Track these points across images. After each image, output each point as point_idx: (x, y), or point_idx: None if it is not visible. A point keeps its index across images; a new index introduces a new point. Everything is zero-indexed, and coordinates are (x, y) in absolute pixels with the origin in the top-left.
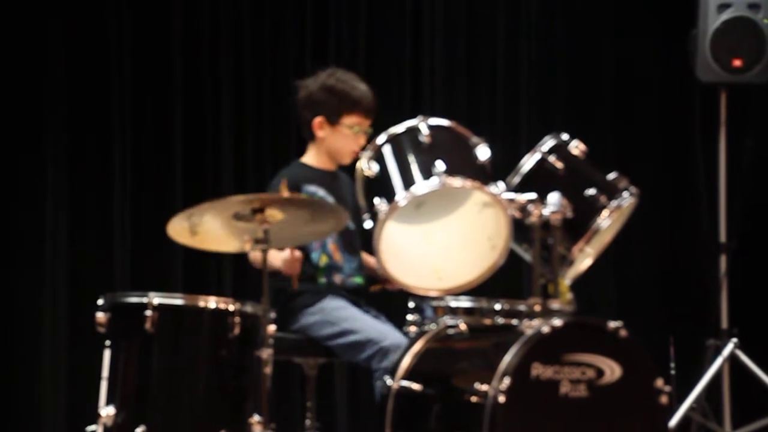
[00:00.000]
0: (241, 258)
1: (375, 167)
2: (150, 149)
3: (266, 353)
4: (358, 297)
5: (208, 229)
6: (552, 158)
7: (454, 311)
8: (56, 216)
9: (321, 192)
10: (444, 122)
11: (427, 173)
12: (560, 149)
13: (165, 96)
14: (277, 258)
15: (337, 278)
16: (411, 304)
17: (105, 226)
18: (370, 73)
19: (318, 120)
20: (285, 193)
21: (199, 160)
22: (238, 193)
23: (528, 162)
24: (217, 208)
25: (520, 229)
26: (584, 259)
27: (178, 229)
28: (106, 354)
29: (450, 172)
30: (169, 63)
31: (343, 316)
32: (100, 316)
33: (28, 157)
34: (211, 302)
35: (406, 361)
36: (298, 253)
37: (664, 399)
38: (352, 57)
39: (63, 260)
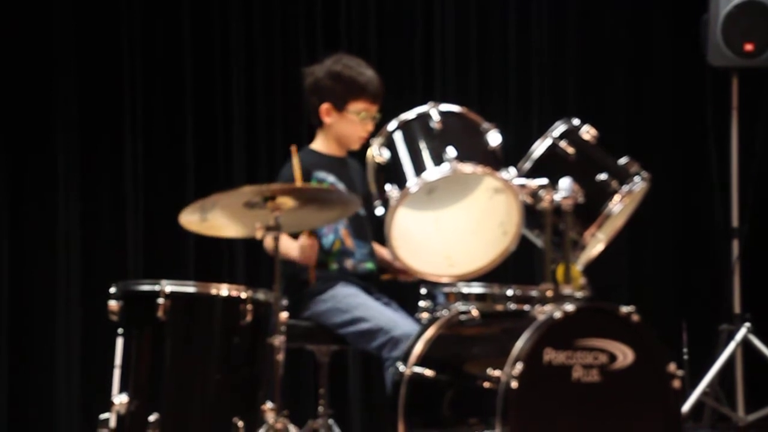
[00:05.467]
0: (253, 245)
1: (386, 154)
2: (161, 138)
3: (279, 340)
4: (370, 283)
5: (219, 216)
6: (563, 143)
7: (466, 297)
8: (68, 204)
9: (331, 178)
10: (455, 108)
11: (438, 159)
12: (571, 134)
13: (176, 84)
14: (293, 247)
15: (349, 263)
16: (423, 291)
17: (117, 215)
18: (381, 60)
19: (325, 106)
20: (296, 159)
21: (210, 148)
22: (250, 181)
23: (539, 147)
24: (227, 199)
25: (531, 214)
26: (596, 244)
27: (190, 218)
28: (119, 342)
29: (461, 158)
30: (179, 51)
31: (354, 304)
32: (113, 304)
33: (39, 146)
34: (223, 290)
35: (418, 348)
36: (312, 240)
37: (676, 383)
38: (363, 44)
39: (75, 248)
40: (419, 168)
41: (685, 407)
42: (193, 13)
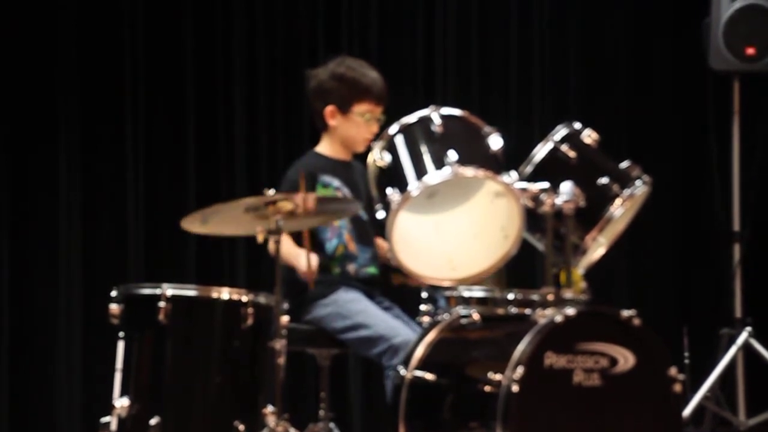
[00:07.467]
0: (254, 248)
1: (387, 157)
2: (163, 140)
3: (279, 344)
4: (372, 287)
5: (220, 221)
6: (564, 147)
7: (467, 301)
8: (70, 207)
9: (336, 182)
10: (456, 112)
11: (439, 163)
12: (573, 138)
13: (178, 86)
14: (294, 254)
15: (351, 268)
16: (424, 294)
17: (118, 218)
18: (382, 63)
19: (329, 109)
20: (302, 190)
21: (212, 151)
22: (252, 182)
23: (540, 151)
24: (228, 209)
25: (532, 218)
26: (597, 248)
27: (191, 221)
28: (120, 345)
29: (462, 161)
30: (181, 52)
31: (355, 310)
32: (114, 307)
33: (41, 148)
34: (224, 293)
35: (419, 351)
36: (314, 262)
37: (677, 388)
38: (364, 46)
39: (77, 252)
40: (420, 172)
41: (686, 411)
42: (195, 13)
